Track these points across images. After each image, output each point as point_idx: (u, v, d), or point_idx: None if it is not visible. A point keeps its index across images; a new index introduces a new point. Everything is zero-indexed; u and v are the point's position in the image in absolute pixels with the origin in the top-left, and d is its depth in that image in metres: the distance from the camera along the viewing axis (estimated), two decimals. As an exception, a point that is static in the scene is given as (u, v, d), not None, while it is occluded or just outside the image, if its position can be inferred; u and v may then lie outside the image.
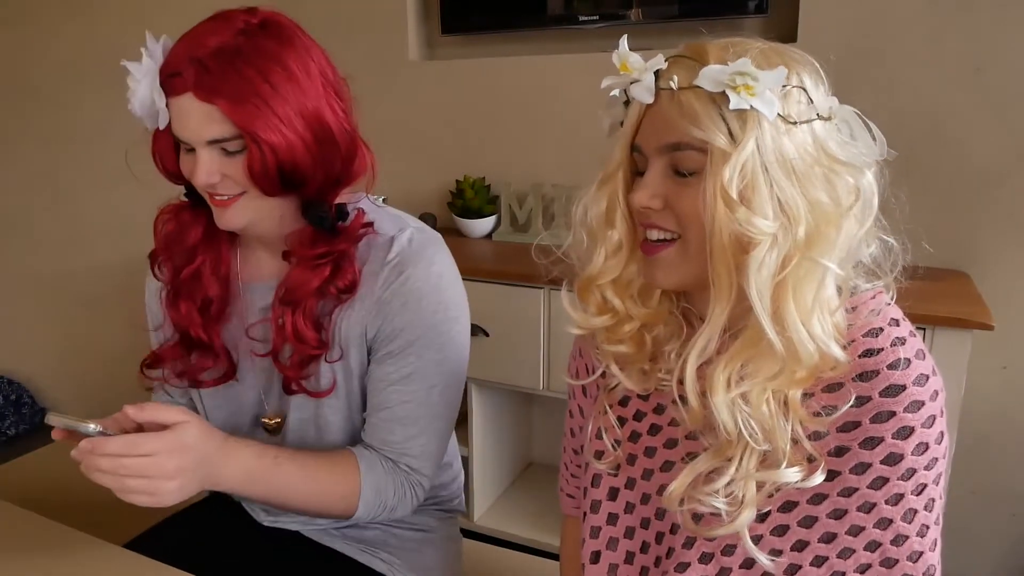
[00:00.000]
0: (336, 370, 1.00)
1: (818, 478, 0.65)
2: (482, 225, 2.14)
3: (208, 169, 0.88)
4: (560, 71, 2.04)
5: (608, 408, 0.80)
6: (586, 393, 0.88)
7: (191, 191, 0.99)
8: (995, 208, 1.70)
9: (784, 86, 0.63)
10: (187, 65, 0.85)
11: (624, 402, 0.80)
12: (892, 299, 0.71)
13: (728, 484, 0.65)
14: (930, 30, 1.67)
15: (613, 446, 0.79)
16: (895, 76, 1.72)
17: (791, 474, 0.64)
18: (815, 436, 0.66)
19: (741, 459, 0.65)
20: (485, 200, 2.13)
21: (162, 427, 0.84)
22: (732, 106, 0.61)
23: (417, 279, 0.96)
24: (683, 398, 0.69)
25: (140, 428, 0.86)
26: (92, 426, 0.82)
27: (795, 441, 0.65)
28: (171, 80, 0.86)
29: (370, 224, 0.98)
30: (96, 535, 1.02)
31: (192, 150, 0.89)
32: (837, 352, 0.63)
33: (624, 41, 0.68)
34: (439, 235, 1.04)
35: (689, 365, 0.67)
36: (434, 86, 2.23)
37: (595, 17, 1.99)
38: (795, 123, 0.63)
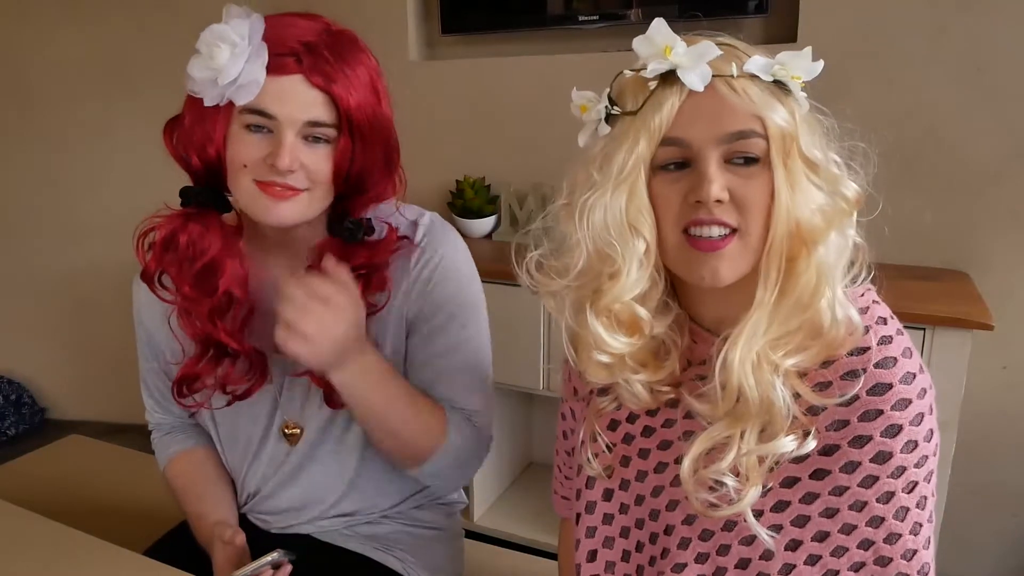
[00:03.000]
0: None
1: (810, 444, 0.65)
2: (482, 225, 2.14)
3: (293, 154, 0.86)
4: (560, 71, 2.04)
5: (599, 413, 0.80)
6: (578, 395, 0.88)
7: (192, 197, 0.94)
8: (995, 208, 1.70)
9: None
10: (300, 48, 0.85)
11: (618, 405, 0.80)
12: (879, 293, 0.71)
13: (732, 462, 0.66)
14: (930, 30, 1.67)
15: (608, 448, 0.79)
16: (895, 76, 1.71)
17: (788, 443, 0.65)
18: (814, 410, 0.66)
19: (743, 436, 0.66)
20: (485, 200, 2.13)
21: None
22: (795, 93, 0.65)
23: (448, 257, 1.00)
24: (675, 401, 0.69)
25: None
26: (274, 555, 0.97)
27: (793, 417, 0.66)
28: (282, 59, 0.84)
29: (404, 238, 0.99)
30: (98, 537, 1.02)
31: (262, 131, 0.86)
32: (855, 316, 0.66)
33: (663, 23, 0.67)
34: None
35: (739, 347, 0.64)
36: (434, 86, 2.23)
37: (595, 17, 1.99)
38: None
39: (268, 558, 0.96)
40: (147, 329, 1.09)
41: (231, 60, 0.83)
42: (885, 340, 0.66)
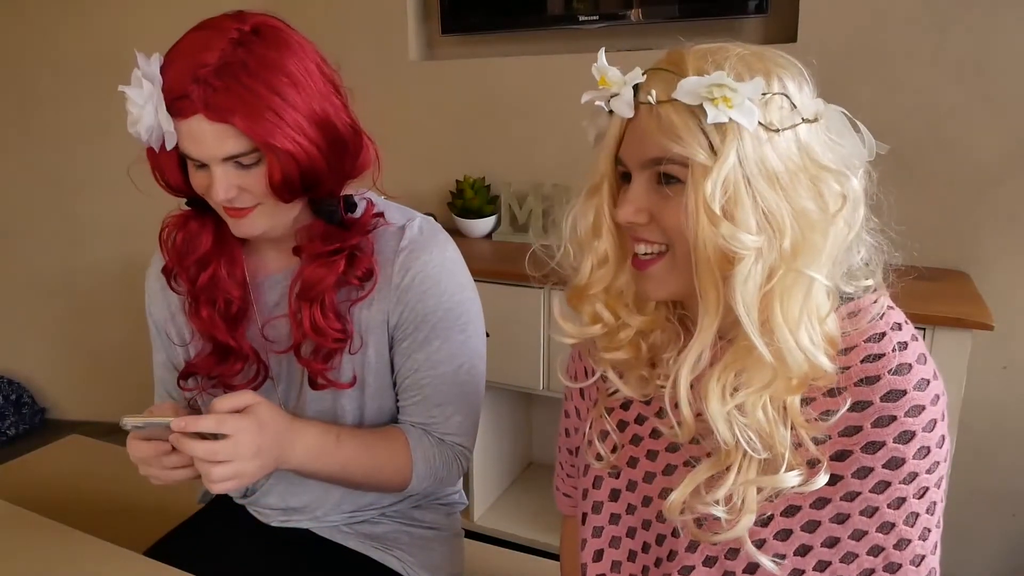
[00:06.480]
0: (356, 361, 1.00)
1: (820, 480, 0.64)
2: (482, 225, 2.14)
3: (225, 185, 0.86)
4: (560, 71, 2.04)
5: (607, 412, 0.80)
6: (584, 396, 0.88)
7: (193, 199, 0.98)
8: (995, 208, 1.70)
9: (764, 94, 0.61)
10: (192, 86, 0.82)
11: (626, 405, 0.80)
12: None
13: (728, 492, 0.65)
14: (930, 30, 1.67)
15: (615, 447, 0.79)
16: (895, 76, 1.71)
17: (791, 478, 0.64)
18: (817, 439, 0.66)
19: (740, 467, 0.65)
20: (485, 200, 2.13)
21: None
22: (710, 120, 0.60)
23: (432, 265, 0.98)
24: (676, 405, 0.69)
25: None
26: (171, 420, 0.84)
27: (798, 444, 0.65)
28: (178, 103, 0.83)
29: (380, 214, 1.00)
30: (98, 537, 1.02)
31: (204, 166, 0.88)
32: (824, 362, 0.63)
33: (602, 54, 0.67)
34: (439, 225, 1.06)
35: (682, 377, 0.65)
36: (434, 86, 2.23)
37: (595, 17, 1.99)
38: (777, 130, 0.61)
39: (167, 420, 0.84)
40: (156, 322, 1.11)
41: (141, 115, 0.86)
42: (900, 346, 0.65)
